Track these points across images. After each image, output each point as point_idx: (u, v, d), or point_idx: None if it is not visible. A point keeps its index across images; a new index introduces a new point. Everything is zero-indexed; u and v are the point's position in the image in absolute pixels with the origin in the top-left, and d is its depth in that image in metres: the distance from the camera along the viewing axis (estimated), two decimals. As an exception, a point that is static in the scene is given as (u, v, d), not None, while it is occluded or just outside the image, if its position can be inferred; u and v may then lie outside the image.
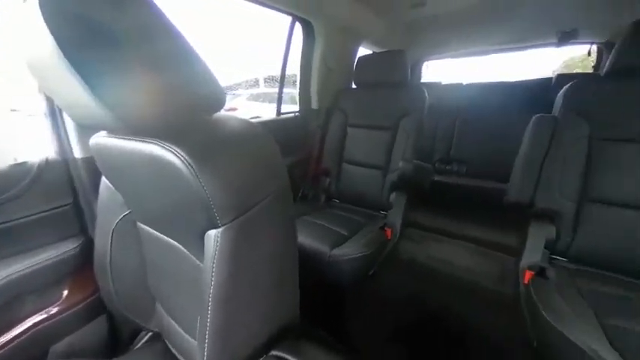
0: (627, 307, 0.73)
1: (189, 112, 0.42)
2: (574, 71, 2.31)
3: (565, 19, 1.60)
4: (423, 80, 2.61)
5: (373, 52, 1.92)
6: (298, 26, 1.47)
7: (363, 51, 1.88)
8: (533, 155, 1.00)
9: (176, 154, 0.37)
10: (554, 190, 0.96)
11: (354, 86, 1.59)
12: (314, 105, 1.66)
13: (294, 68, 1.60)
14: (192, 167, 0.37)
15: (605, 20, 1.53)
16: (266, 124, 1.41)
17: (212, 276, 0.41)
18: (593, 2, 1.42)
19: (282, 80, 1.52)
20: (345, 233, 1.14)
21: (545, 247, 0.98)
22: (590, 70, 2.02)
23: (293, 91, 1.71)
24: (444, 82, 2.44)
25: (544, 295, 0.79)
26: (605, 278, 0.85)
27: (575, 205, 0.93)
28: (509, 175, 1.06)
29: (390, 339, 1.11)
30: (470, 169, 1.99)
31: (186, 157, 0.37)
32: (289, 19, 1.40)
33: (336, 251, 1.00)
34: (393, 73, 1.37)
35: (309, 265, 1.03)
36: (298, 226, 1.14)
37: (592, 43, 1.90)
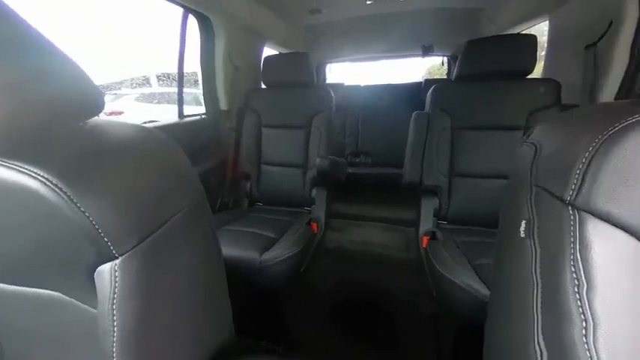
0: (489, 249, 0.99)
1: (47, 120, 0.32)
2: (435, 77, 2.99)
3: (425, 37, 2.04)
4: (327, 81, 2.83)
5: (279, 53, 1.95)
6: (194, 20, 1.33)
7: (268, 51, 1.87)
8: (416, 144, 1.25)
9: (34, 176, 0.28)
10: (434, 170, 1.22)
11: (263, 86, 1.57)
12: (223, 105, 1.55)
13: (194, 66, 1.45)
14: (62, 191, 0.28)
15: (451, 39, 2.04)
16: (167, 129, 1.22)
17: (113, 320, 0.33)
18: (441, 26, 1.87)
19: (180, 79, 1.34)
20: (273, 236, 1.12)
21: (434, 216, 1.24)
22: (445, 76, 2.65)
23: (195, 91, 1.54)
24: (346, 84, 2.71)
25: (435, 252, 1.00)
26: (473, 231, 1.14)
27: (448, 180, 1.21)
28: (403, 162, 1.29)
29: (326, 324, 1.18)
30: (375, 160, 2.31)
31: (51, 179, 0.28)
32: (181, 10, 1.25)
33: (267, 255, 0.98)
34: (299, 74, 1.42)
35: (241, 275, 0.97)
36: (223, 237, 1.06)
37: (443, 56, 2.50)
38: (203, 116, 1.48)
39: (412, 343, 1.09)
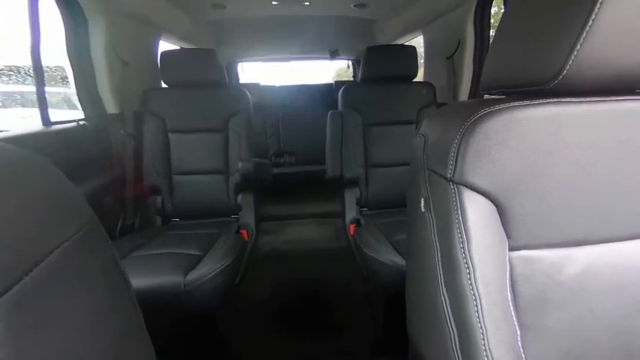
0: (403, 225, 1.17)
1: None
2: (343, 79, 3.28)
3: (331, 41, 2.21)
4: (241, 82, 2.70)
5: (180, 48, 1.73)
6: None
7: (167, 46, 1.64)
8: (334, 141, 1.35)
9: None
10: (352, 163, 1.35)
11: (164, 85, 1.37)
12: (112, 108, 1.27)
13: (51, 59, 1.13)
14: None
15: (353, 45, 2.26)
16: (27, 141, 0.92)
17: None
18: (344, 32, 2.05)
19: (38, 75, 1.02)
20: (198, 252, 1.01)
21: (357, 204, 1.37)
22: (352, 78, 2.94)
23: (65, 90, 1.21)
24: (262, 84, 2.66)
25: (361, 237, 1.11)
26: (389, 213, 1.31)
27: (364, 171, 1.35)
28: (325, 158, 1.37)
29: (271, 331, 1.16)
30: (299, 158, 2.36)
31: None
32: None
33: (192, 275, 0.87)
34: (207, 72, 1.31)
35: (163, 306, 0.84)
36: (132, 266, 0.89)
37: (349, 59, 2.76)
38: (82, 122, 1.18)
39: (353, 321, 1.19)
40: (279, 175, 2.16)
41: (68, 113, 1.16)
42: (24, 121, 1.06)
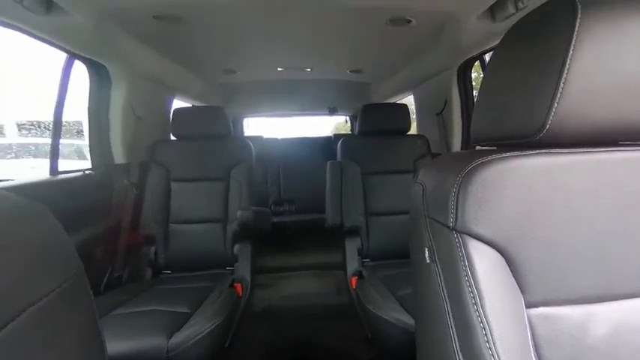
0: (408, 278, 1.11)
1: None
2: (342, 132, 3.50)
3: (330, 100, 2.43)
4: (246, 135, 2.88)
5: (192, 106, 1.89)
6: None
7: (179, 103, 1.80)
8: (334, 189, 1.36)
9: None
10: (353, 211, 1.34)
11: (172, 138, 1.46)
12: (120, 159, 1.32)
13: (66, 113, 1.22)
14: None
15: (350, 103, 2.48)
16: (32, 190, 0.93)
17: None
18: (342, 93, 2.27)
19: (57, 128, 1.10)
20: (186, 310, 0.92)
21: (358, 255, 1.31)
22: (350, 131, 3.13)
23: (79, 142, 1.28)
24: (265, 137, 2.82)
25: (364, 291, 1.03)
26: (392, 264, 1.25)
27: (365, 219, 1.34)
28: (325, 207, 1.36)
29: None
30: (298, 207, 2.36)
31: None
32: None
33: (177, 338, 0.78)
34: (215, 127, 1.40)
35: None
36: (113, 325, 0.81)
37: (346, 115, 2.99)
38: (88, 171, 1.21)
39: None
40: (279, 223, 2.13)
41: (77, 163, 1.21)
42: (32, 171, 1.10)
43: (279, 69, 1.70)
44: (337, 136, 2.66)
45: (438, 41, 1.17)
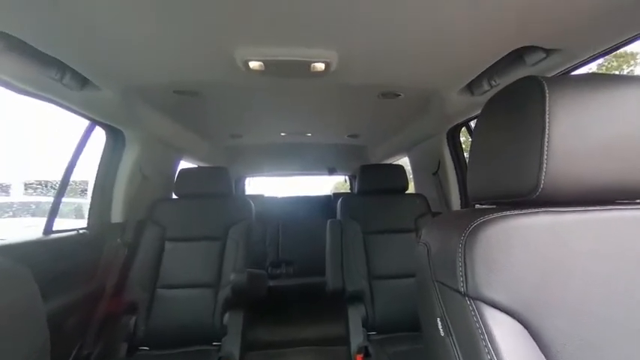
0: (419, 356, 0.96)
1: None
2: (341, 191, 3.57)
3: (329, 161, 2.56)
4: (247, 193, 2.94)
5: (197, 167, 1.98)
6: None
7: (184, 163, 1.89)
8: (334, 249, 1.31)
9: None
10: (355, 274, 1.25)
11: (174, 196, 1.47)
12: (117, 217, 1.31)
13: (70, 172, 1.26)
14: None
15: (349, 163, 2.60)
16: (18, 250, 0.89)
17: None
18: (341, 154, 2.41)
19: (63, 187, 1.12)
20: None
21: (363, 327, 1.17)
22: (349, 190, 3.20)
23: (81, 201, 1.29)
24: (265, 195, 2.86)
25: None
26: (401, 338, 1.10)
27: (368, 283, 1.24)
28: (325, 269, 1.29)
29: None
30: (297, 269, 2.22)
31: None
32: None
33: None
34: (217, 186, 1.43)
35: None
36: None
37: (345, 175, 3.10)
38: (82, 231, 1.19)
39: None
40: (276, 287, 1.97)
41: (74, 222, 1.19)
42: (27, 230, 1.08)
43: (282, 134, 1.84)
44: (337, 195, 2.70)
45: (426, 111, 1.30)
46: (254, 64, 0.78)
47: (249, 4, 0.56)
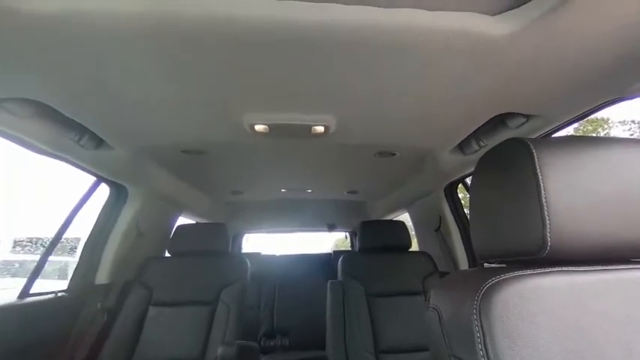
0: None
1: None
2: (341, 248, 3.44)
3: (329, 217, 2.54)
4: (244, 251, 2.81)
5: (196, 223, 1.95)
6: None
7: (182, 219, 1.86)
8: (335, 315, 1.19)
9: None
10: (360, 348, 1.10)
11: (167, 254, 1.40)
12: (102, 279, 1.22)
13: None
14: None
15: (349, 220, 2.57)
16: None
17: None
18: (341, 210, 2.41)
19: (53, 245, 1.08)
20: None
21: None
22: (350, 247, 3.08)
23: (68, 259, 1.23)
24: (263, 253, 2.74)
25: None
26: None
27: (375, 358, 1.08)
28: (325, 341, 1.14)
29: None
30: (293, 341, 1.96)
31: None
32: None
33: None
34: (213, 243, 1.38)
35: None
36: None
37: (345, 231, 3.03)
38: (61, 293, 1.09)
39: None
40: None
41: (55, 283, 1.11)
42: (3, 293, 0.99)
43: (282, 190, 1.87)
44: (337, 253, 2.59)
45: (421, 169, 1.36)
46: (259, 127, 0.85)
47: (256, 77, 0.64)
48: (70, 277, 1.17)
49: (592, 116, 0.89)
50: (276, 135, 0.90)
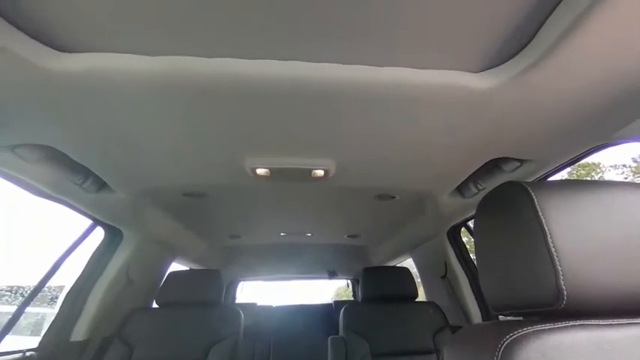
0: None
1: None
2: (342, 298, 3.20)
3: (329, 262, 2.42)
4: (238, 301, 2.61)
5: (189, 269, 1.85)
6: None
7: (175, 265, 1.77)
8: None
9: None
10: None
11: (154, 305, 1.30)
12: (79, 334, 1.10)
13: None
14: None
15: (350, 266, 2.45)
16: None
17: None
18: (341, 255, 2.31)
19: (34, 294, 1.01)
20: None
21: None
22: (352, 296, 2.86)
23: (47, 311, 1.13)
24: (259, 304, 2.53)
25: None
26: None
27: None
28: None
29: None
30: None
31: None
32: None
33: None
34: (206, 293, 1.29)
35: None
36: None
37: (346, 278, 2.86)
38: (29, 353, 0.97)
39: None
40: None
41: (28, 340, 1.00)
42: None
43: (281, 234, 1.83)
44: (338, 303, 2.40)
45: (422, 212, 1.35)
46: (260, 171, 0.87)
47: (259, 125, 0.68)
48: (43, 332, 1.06)
49: (583, 161, 0.92)
50: (276, 178, 0.92)
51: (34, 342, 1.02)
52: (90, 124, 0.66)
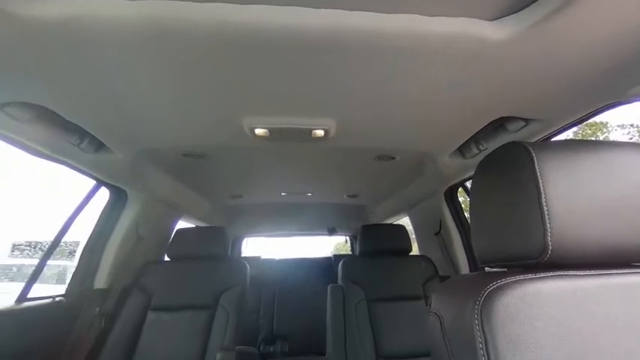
0: None
1: None
2: (342, 252, 3.43)
3: (329, 220, 2.53)
4: (243, 255, 2.80)
5: (195, 227, 1.94)
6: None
7: (182, 223, 1.86)
8: (336, 319, 1.18)
9: None
10: (360, 352, 1.09)
11: (166, 259, 1.40)
12: (101, 283, 1.21)
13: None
14: None
15: (349, 223, 2.57)
16: None
17: None
18: (341, 214, 2.40)
19: (52, 249, 1.08)
20: None
21: None
22: (350, 251, 3.06)
23: (68, 264, 1.22)
24: (262, 257, 2.72)
25: None
26: None
27: None
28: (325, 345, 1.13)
29: None
30: (293, 346, 1.95)
31: None
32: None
33: None
34: (213, 247, 1.37)
35: None
36: None
37: (346, 235, 3.02)
38: (59, 298, 1.08)
39: None
40: None
41: (55, 288, 1.10)
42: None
43: (282, 193, 1.87)
44: (337, 257, 2.57)
45: (421, 172, 1.36)
46: (259, 131, 0.85)
47: (257, 81, 0.65)
48: (68, 281, 1.16)
49: (591, 120, 0.90)
50: (276, 139, 0.91)
51: (59, 289, 1.13)
52: (75, 80, 0.62)
